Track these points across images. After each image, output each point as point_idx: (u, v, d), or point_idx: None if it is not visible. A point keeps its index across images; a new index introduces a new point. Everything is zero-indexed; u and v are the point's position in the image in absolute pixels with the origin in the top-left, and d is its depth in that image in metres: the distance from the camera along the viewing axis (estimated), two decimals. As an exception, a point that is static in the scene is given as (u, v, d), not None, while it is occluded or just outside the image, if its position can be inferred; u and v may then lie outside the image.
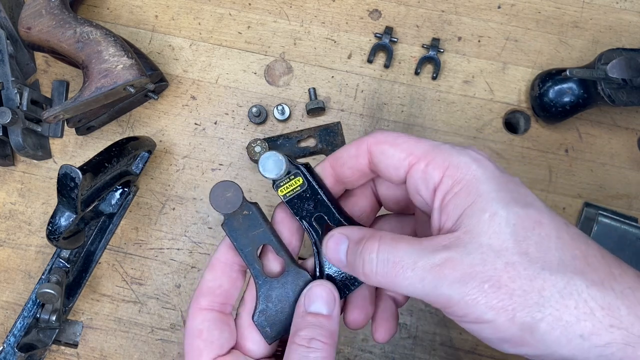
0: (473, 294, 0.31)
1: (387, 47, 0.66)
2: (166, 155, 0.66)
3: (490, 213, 0.32)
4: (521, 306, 0.30)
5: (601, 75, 0.58)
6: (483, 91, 0.66)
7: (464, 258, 0.31)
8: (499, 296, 0.30)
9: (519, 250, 0.31)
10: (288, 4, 0.68)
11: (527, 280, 0.30)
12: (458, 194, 0.33)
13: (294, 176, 0.38)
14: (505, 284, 0.30)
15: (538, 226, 0.32)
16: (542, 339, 0.31)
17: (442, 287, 0.31)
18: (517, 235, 0.31)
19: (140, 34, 0.68)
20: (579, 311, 0.30)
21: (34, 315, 0.58)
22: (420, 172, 0.35)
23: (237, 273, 0.39)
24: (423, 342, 0.61)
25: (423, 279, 0.31)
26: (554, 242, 0.32)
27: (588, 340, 0.30)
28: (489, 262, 0.31)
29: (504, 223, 0.31)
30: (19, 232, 0.64)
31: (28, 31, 0.59)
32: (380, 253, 0.33)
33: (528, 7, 0.68)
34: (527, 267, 0.31)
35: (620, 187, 0.64)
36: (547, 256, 0.31)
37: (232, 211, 0.37)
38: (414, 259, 0.32)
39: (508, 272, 0.31)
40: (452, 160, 0.34)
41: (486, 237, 0.31)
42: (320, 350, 0.35)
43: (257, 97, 0.67)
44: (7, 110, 0.57)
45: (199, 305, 0.38)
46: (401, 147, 0.36)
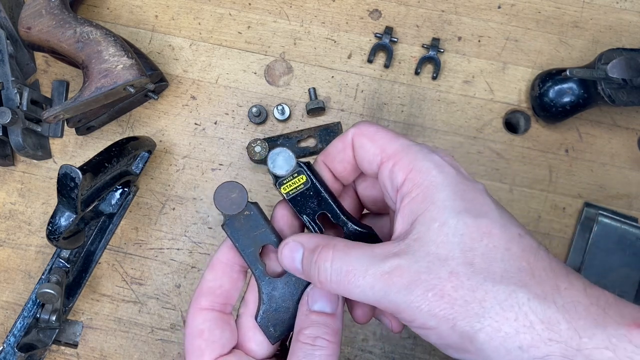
0: (417, 301, 0.31)
1: (387, 47, 0.66)
2: (166, 155, 0.66)
3: (440, 222, 0.32)
4: (461, 316, 0.31)
5: (601, 75, 0.58)
6: (483, 91, 0.66)
7: (412, 265, 0.32)
8: (440, 305, 0.31)
9: (464, 261, 0.31)
10: (288, 4, 0.68)
11: (469, 290, 0.31)
12: (415, 198, 0.34)
13: (297, 174, 0.38)
14: (448, 293, 0.31)
15: (487, 237, 0.32)
16: (481, 348, 0.31)
17: (390, 294, 0.32)
18: (464, 245, 0.32)
19: (140, 34, 0.68)
20: (519, 323, 0.31)
21: (34, 315, 0.58)
22: (388, 171, 0.36)
23: (238, 273, 0.39)
24: (423, 342, 0.61)
25: (373, 287, 0.32)
26: (501, 254, 0.32)
27: (527, 352, 0.31)
28: (434, 270, 0.31)
29: (451, 233, 0.32)
30: (19, 232, 0.64)
31: (28, 31, 0.59)
32: (334, 262, 0.34)
33: (528, 7, 0.68)
34: (471, 277, 0.31)
35: (620, 187, 0.64)
36: (491, 267, 0.32)
37: (237, 212, 0.37)
38: (365, 267, 0.33)
39: (452, 282, 0.31)
40: (416, 164, 0.34)
41: (434, 245, 0.32)
42: (325, 348, 0.35)
43: (257, 97, 0.67)
44: (7, 110, 0.57)
45: (199, 305, 0.38)
46: (377, 142, 0.36)
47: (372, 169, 0.37)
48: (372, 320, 0.61)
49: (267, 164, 0.38)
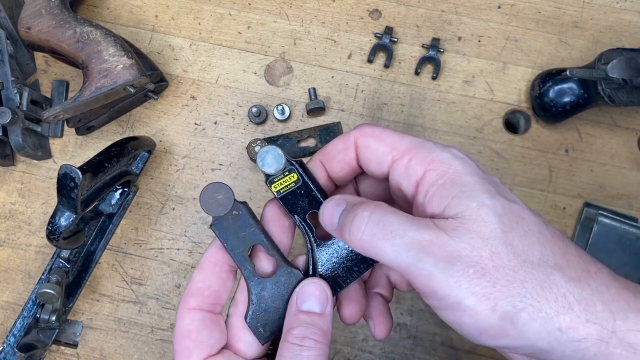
0: (457, 276, 0.31)
1: (387, 47, 0.66)
2: (166, 155, 0.66)
3: (478, 202, 0.32)
4: (503, 295, 0.31)
5: (601, 75, 0.58)
6: (483, 91, 0.66)
7: (452, 241, 0.31)
8: (482, 283, 0.31)
9: (505, 241, 0.31)
10: (288, 4, 0.68)
11: (511, 270, 0.31)
12: (443, 185, 0.33)
13: (288, 172, 0.38)
14: (490, 272, 0.31)
15: (521, 220, 0.33)
16: (522, 329, 0.31)
17: (427, 262, 0.31)
18: (504, 225, 0.32)
19: (140, 34, 0.68)
20: (558, 304, 0.31)
21: (33, 315, 0.58)
22: (403, 167, 0.35)
23: (227, 273, 0.39)
24: (423, 342, 0.61)
25: (410, 249, 0.32)
26: (537, 237, 0.32)
27: (566, 333, 0.31)
28: (476, 248, 0.31)
29: (491, 213, 0.32)
30: (19, 232, 0.64)
31: (28, 31, 0.59)
32: (373, 213, 0.33)
33: (528, 7, 0.68)
34: (512, 258, 0.31)
35: (620, 187, 0.64)
36: (530, 250, 0.32)
37: (223, 213, 0.37)
38: (404, 228, 0.32)
39: (493, 261, 0.31)
40: (435, 156, 0.34)
41: (475, 224, 0.32)
42: (314, 349, 0.35)
43: (257, 97, 0.67)
44: (7, 110, 0.57)
45: (187, 305, 0.38)
46: (385, 141, 0.36)
47: (381, 168, 0.37)
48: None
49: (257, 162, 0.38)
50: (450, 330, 0.61)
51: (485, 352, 0.61)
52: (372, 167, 0.37)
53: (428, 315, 0.62)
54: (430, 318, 0.62)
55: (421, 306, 0.62)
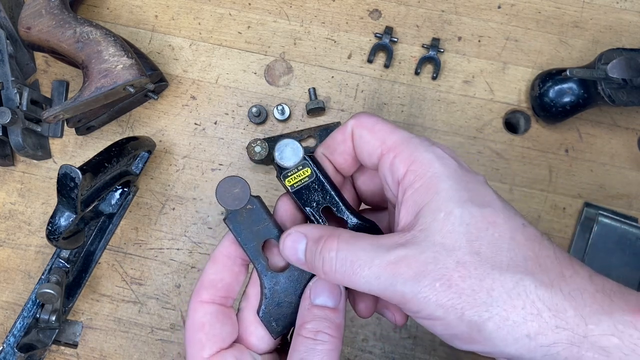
0: (425, 292, 0.31)
1: (387, 47, 0.66)
2: (166, 155, 0.66)
3: (446, 212, 0.32)
4: (469, 305, 0.31)
5: (601, 75, 0.58)
6: (483, 91, 0.66)
7: (418, 256, 0.32)
8: (448, 295, 0.31)
9: (470, 250, 0.32)
10: (288, 4, 0.68)
11: (476, 279, 0.31)
12: (418, 190, 0.34)
13: (302, 167, 0.38)
14: (456, 282, 0.31)
15: (492, 226, 0.32)
16: (490, 337, 0.31)
17: (397, 284, 0.32)
18: (470, 235, 0.32)
19: (140, 34, 0.68)
20: (526, 312, 0.31)
21: (33, 315, 0.58)
22: (389, 163, 0.35)
23: (240, 267, 0.39)
24: (423, 342, 0.61)
25: (379, 277, 0.32)
26: (507, 243, 0.32)
27: (534, 340, 0.31)
28: (441, 260, 0.31)
29: (457, 222, 0.32)
30: (19, 232, 0.64)
31: (28, 31, 0.59)
32: (339, 252, 0.34)
33: (528, 7, 0.68)
34: (478, 266, 0.31)
35: (620, 187, 0.64)
36: (498, 256, 0.32)
37: (239, 207, 0.37)
38: (371, 257, 0.33)
39: (459, 271, 0.31)
40: (417, 156, 0.34)
41: (440, 235, 0.32)
42: (327, 343, 0.35)
43: (257, 97, 0.67)
44: (7, 110, 0.57)
45: (200, 298, 0.38)
46: (377, 134, 0.36)
47: (372, 161, 0.37)
48: (372, 320, 0.62)
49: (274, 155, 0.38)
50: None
51: (485, 352, 0.61)
52: (364, 159, 0.38)
53: (428, 315, 0.62)
54: (430, 318, 0.62)
55: (421, 306, 0.62)
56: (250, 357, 0.38)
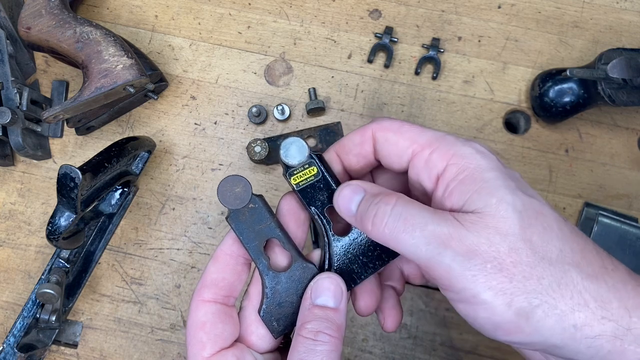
0: (475, 270, 0.31)
1: (387, 47, 0.66)
2: (166, 155, 0.66)
3: (497, 198, 0.32)
4: (520, 291, 0.31)
5: (601, 75, 0.58)
6: (483, 91, 0.66)
7: (471, 235, 0.32)
8: (499, 278, 0.31)
9: (523, 237, 0.31)
10: (288, 4, 0.68)
11: (528, 267, 0.31)
12: (463, 181, 0.33)
13: (308, 165, 0.38)
14: (507, 267, 0.31)
15: (541, 216, 0.33)
16: (537, 326, 0.31)
17: (446, 255, 0.31)
18: (523, 222, 0.32)
19: (140, 34, 0.68)
20: (574, 301, 0.31)
21: (33, 315, 0.58)
22: (424, 160, 0.35)
23: (242, 266, 0.39)
24: (423, 342, 0.61)
25: (429, 243, 0.32)
26: (556, 233, 0.32)
27: (580, 330, 0.31)
28: (494, 244, 0.31)
29: (510, 209, 0.32)
30: (19, 232, 0.64)
31: (28, 31, 0.59)
32: (395, 206, 0.33)
33: (528, 7, 0.68)
34: (530, 254, 0.31)
35: (620, 187, 0.64)
36: (548, 246, 0.32)
37: (241, 206, 0.37)
38: (425, 221, 0.32)
39: (511, 257, 0.31)
40: (457, 150, 0.34)
41: (493, 220, 0.32)
42: (328, 344, 0.35)
43: (257, 97, 0.67)
44: (7, 110, 0.57)
45: (201, 297, 0.38)
46: (405, 135, 0.36)
47: (400, 162, 0.37)
48: (372, 320, 0.62)
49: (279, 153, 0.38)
50: (450, 330, 0.61)
51: (485, 352, 0.61)
52: (390, 161, 0.37)
53: (428, 315, 0.62)
54: (430, 318, 0.62)
55: (421, 306, 0.62)
56: (251, 357, 0.38)
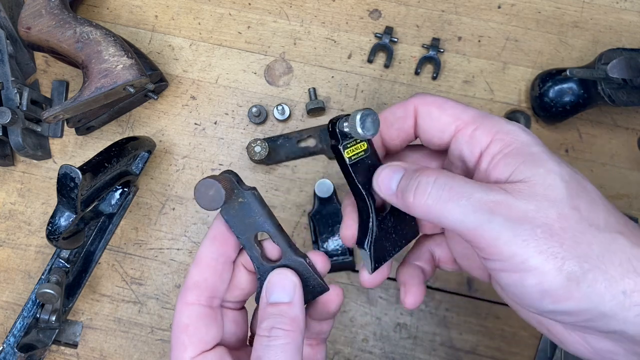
0: (525, 235, 0.31)
1: (387, 47, 0.66)
2: (166, 155, 0.66)
3: (545, 169, 0.33)
4: (571, 255, 0.31)
5: (601, 75, 0.58)
6: (483, 91, 0.66)
7: (519, 202, 0.32)
8: (549, 242, 0.31)
9: (571, 205, 0.32)
10: (288, 4, 0.68)
11: (577, 232, 0.31)
12: (509, 154, 0.34)
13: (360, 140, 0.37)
14: (557, 232, 0.31)
15: (586, 190, 0.33)
16: (587, 291, 0.31)
17: (495, 222, 0.31)
18: (571, 190, 0.32)
19: (140, 34, 0.68)
20: (623, 268, 0.31)
21: (33, 315, 0.58)
22: (467, 136, 0.35)
23: (223, 265, 0.39)
24: (423, 342, 0.61)
25: (476, 210, 0.32)
26: (601, 204, 0.33)
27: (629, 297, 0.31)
28: (543, 210, 0.31)
29: (558, 178, 0.32)
30: (19, 232, 0.64)
31: (28, 31, 0.59)
32: (439, 178, 0.33)
33: (528, 7, 0.68)
34: (579, 221, 0.31)
35: (620, 187, 0.64)
36: (595, 215, 0.32)
37: (216, 207, 0.37)
38: (470, 190, 0.32)
39: (560, 222, 0.31)
40: (501, 127, 0.35)
41: (542, 188, 0.32)
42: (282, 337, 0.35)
43: (257, 97, 0.67)
44: (7, 110, 0.57)
45: (185, 300, 0.38)
46: (448, 111, 0.36)
47: (442, 138, 0.37)
48: (372, 320, 0.62)
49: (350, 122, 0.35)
50: (450, 330, 0.61)
51: (485, 352, 0.61)
52: (431, 136, 0.37)
53: (428, 315, 0.62)
54: (430, 318, 0.62)
55: (421, 306, 0.62)
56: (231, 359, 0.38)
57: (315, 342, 0.41)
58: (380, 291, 0.62)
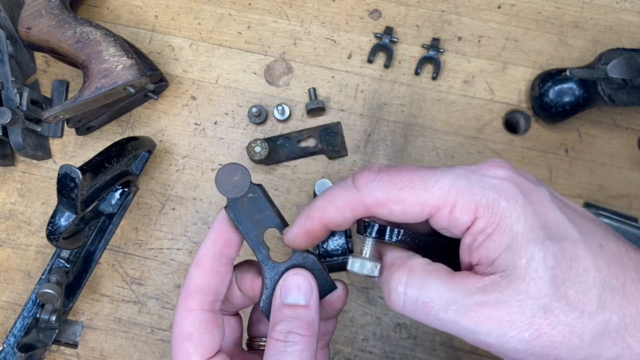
0: (513, 342, 0.30)
1: (387, 47, 0.66)
2: (166, 155, 0.66)
3: (527, 259, 0.31)
4: (562, 352, 0.30)
5: (601, 75, 0.58)
6: (483, 91, 0.66)
7: (501, 305, 0.30)
8: (539, 343, 0.30)
9: (558, 296, 0.30)
10: (288, 4, 0.68)
11: (567, 326, 0.30)
12: (491, 235, 0.31)
13: None
14: (545, 331, 0.30)
15: (575, 262, 0.31)
16: None
17: (479, 334, 0.31)
18: (555, 279, 0.30)
19: (140, 34, 0.68)
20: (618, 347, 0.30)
21: (33, 315, 0.58)
22: (446, 218, 0.32)
23: (225, 267, 0.38)
24: (423, 342, 0.61)
25: (457, 322, 0.31)
26: (592, 278, 0.31)
27: None
28: (528, 310, 0.30)
29: (541, 268, 0.30)
30: (19, 232, 0.64)
31: (28, 31, 0.59)
32: (408, 288, 0.32)
33: (528, 7, 0.68)
34: (567, 312, 0.30)
35: (620, 187, 0.64)
36: (586, 297, 0.31)
37: (239, 195, 0.36)
38: (446, 301, 0.31)
39: (548, 320, 0.30)
40: (479, 199, 0.32)
41: (524, 283, 0.30)
42: (298, 343, 0.34)
43: (257, 97, 0.67)
44: (7, 110, 0.57)
45: (187, 306, 0.37)
46: (408, 202, 0.32)
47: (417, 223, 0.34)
48: (372, 320, 0.62)
49: None
50: (450, 330, 0.61)
51: (485, 352, 0.61)
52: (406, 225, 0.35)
53: (428, 315, 0.62)
54: (430, 318, 0.62)
55: (421, 306, 0.62)
56: None
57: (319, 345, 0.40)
58: (380, 291, 0.62)
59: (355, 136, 0.65)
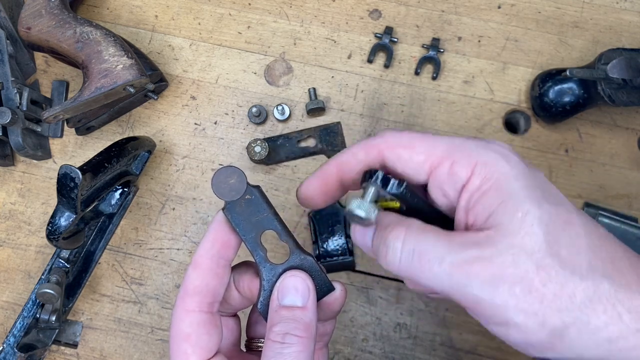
0: (503, 296, 0.30)
1: (387, 47, 0.66)
2: (166, 155, 0.66)
3: (523, 212, 0.31)
4: (552, 310, 0.30)
5: (601, 75, 0.58)
6: (483, 91, 0.66)
7: (495, 258, 0.30)
8: (529, 300, 0.30)
9: (550, 253, 0.30)
10: (288, 4, 0.68)
11: (558, 284, 0.30)
12: (487, 192, 0.32)
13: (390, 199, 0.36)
14: (537, 287, 0.30)
15: (569, 226, 0.31)
16: (571, 344, 0.30)
17: (472, 287, 0.31)
18: (549, 235, 0.31)
19: (140, 34, 0.68)
20: (607, 315, 0.30)
21: (33, 315, 0.58)
22: (446, 173, 0.34)
23: (223, 268, 0.38)
24: (423, 342, 0.61)
25: (451, 276, 0.31)
26: (584, 243, 0.31)
27: (615, 343, 0.30)
28: (521, 263, 0.30)
29: (536, 223, 0.31)
30: (19, 232, 0.64)
31: (28, 31, 0.59)
32: (405, 242, 0.32)
33: (528, 7, 0.68)
34: (559, 270, 0.30)
35: (620, 187, 0.64)
36: (577, 259, 0.31)
37: (236, 198, 0.36)
38: (441, 254, 0.31)
39: (539, 275, 0.30)
40: (479, 158, 0.33)
41: (519, 237, 0.31)
42: (295, 345, 0.34)
43: (257, 97, 0.67)
44: (7, 110, 0.57)
45: (185, 307, 0.36)
46: (418, 149, 0.34)
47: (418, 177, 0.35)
48: (372, 320, 0.62)
49: None
50: (450, 330, 0.61)
51: (485, 352, 0.61)
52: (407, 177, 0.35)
53: (428, 315, 0.62)
54: (430, 318, 0.62)
55: (421, 306, 0.62)
56: None
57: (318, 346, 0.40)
58: (380, 291, 0.62)
59: (356, 136, 0.65)
